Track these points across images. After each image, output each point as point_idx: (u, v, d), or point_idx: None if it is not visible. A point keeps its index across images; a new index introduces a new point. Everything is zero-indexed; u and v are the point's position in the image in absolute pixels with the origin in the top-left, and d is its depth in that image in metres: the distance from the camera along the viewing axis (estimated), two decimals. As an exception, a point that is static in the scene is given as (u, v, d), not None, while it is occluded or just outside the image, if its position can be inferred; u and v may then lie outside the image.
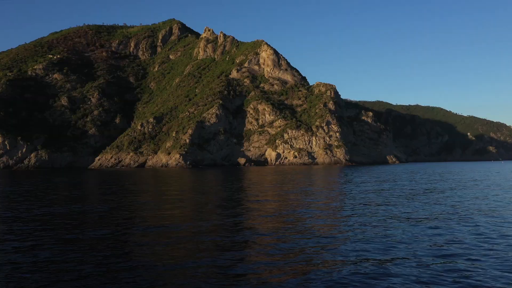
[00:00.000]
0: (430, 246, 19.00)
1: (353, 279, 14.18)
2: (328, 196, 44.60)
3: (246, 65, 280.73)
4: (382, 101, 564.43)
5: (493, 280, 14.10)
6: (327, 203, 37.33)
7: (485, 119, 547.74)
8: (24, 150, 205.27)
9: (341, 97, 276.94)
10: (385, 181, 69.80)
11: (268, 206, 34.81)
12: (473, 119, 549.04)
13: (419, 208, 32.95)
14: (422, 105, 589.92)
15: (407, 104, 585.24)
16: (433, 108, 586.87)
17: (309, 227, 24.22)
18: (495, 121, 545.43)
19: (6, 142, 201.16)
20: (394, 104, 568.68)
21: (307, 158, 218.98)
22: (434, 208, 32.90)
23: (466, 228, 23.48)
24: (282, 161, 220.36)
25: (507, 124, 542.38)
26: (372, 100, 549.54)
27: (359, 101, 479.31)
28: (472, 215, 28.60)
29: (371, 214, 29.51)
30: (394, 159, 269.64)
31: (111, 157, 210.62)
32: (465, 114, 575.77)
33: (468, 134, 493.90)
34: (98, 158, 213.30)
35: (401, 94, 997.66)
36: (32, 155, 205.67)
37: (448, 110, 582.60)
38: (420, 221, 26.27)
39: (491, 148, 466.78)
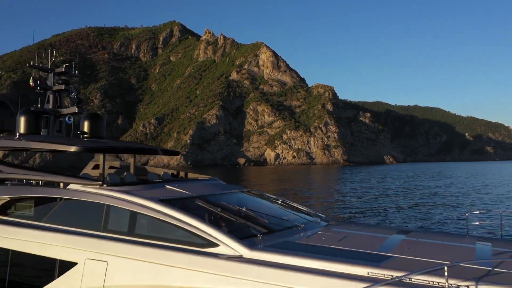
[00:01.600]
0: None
1: None
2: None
3: (245, 66, 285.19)
4: (381, 102, 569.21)
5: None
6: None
7: (483, 120, 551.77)
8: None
9: (341, 97, 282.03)
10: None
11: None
12: (472, 120, 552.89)
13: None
14: (421, 105, 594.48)
15: (406, 105, 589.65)
16: (432, 108, 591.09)
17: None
18: (493, 121, 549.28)
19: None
20: (393, 104, 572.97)
21: (305, 158, 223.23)
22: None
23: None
24: (281, 161, 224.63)
25: (506, 125, 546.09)
26: (372, 101, 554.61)
27: (359, 102, 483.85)
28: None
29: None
30: (391, 159, 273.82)
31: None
32: (464, 115, 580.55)
33: (466, 134, 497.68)
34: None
35: (400, 95, 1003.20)
36: (37, 155, 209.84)
37: (447, 110, 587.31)
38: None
39: (489, 148, 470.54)
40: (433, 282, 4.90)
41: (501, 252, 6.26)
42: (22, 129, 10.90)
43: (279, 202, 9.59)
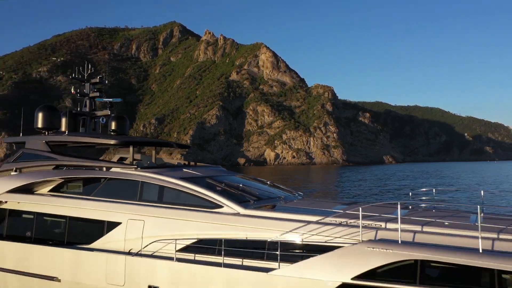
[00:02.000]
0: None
1: None
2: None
3: (245, 67, 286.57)
4: (381, 102, 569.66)
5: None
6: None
7: (483, 120, 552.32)
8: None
9: (341, 98, 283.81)
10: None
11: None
12: (471, 120, 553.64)
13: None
14: (421, 105, 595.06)
15: (406, 105, 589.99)
16: (431, 108, 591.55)
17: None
18: (493, 121, 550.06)
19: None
20: (393, 104, 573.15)
21: (305, 158, 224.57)
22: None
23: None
24: (281, 161, 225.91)
25: (505, 125, 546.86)
26: (372, 101, 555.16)
27: (359, 102, 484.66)
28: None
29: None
30: (391, 159, 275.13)
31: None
32: (463, 115, 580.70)
33: (466, 134, 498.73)
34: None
35: (400, 95, 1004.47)
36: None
37: (447, 110, 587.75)
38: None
39: (488, 148, 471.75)
40: (350, 222, 8.72)
41: (416, 209, 9.79)
42: (63, 127, 14.46)
43: (268, 183, 13.44)
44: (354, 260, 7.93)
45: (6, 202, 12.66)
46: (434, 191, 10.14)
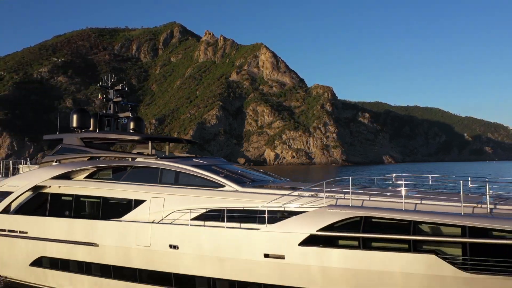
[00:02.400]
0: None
1: None
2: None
3: (245, 67, 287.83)
4: (381, 102, 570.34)
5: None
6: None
7: (482, 120, 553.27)
8: (31, 150, 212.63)
9: (341, 98, 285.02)
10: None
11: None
12: (471, 120, 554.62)
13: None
14: (421, 106, 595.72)
15: (406, 105, 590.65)
16: (431, 109, 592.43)
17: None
18: (492, 121, 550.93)
19: (14, 143, 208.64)
20: (393, 105, 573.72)
21: (304, 158, 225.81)
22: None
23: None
24: (281, 161, 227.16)
25: (505, 125, 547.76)
26: (371, 101, 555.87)
27: (358, 102, 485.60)
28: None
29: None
30: (390, 159, 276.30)
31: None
32: (463, 115, 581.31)
33: (465, 134, 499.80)
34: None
35: (400, 95, 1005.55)
36: (39, 155, 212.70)
37: (447, 111, 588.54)
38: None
39: (487, 148, 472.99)
40: (318, 194, 12.14)
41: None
42: (92, 127, 18.06)
43: (261, 171, 17.57)
44: (319, 218, 11.50)
45: (50, 186, 16.39)
46: (393, 176, 12.77)
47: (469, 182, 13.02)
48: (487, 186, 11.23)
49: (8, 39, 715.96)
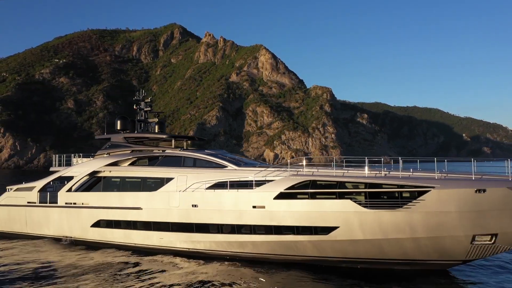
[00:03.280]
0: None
1: None
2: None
3: (245, 68, 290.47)
4: (380, 103, 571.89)
5: None
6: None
7: (481, 120, 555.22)
8: (33, 151, 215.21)
9: (341, 98, 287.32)
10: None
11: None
12: (470, 120, 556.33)
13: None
14: (420, 106, 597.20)
15: (406, 106, 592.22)
16: (431, 109, 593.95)
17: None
18: (491, 122, 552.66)
19: (16, 143, 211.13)
20: (392, 105, 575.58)
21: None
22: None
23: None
24: (280, 161, 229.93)
25: (504, 125, 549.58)
26: (371, 102, 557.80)
27: (358, 103, 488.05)
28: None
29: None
30: (388, 160, 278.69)
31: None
32: (462, 116, 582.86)
33: (464, 135, 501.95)
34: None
35: (399, 96, 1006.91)
36: (41, 155, 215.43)
37: (446, 111, 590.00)
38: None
39: (485, 149, 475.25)
40: (286, 169, 20.25)
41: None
42: (129, 129, 25.39)
43: (253, 159, 28.69)
44: (285, 183, 18.69)
45: (103, 171, 23.62)
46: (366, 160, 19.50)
47: (400, 162, 20.06)
48: (400, 161, 19.79)
49: (9, 40, 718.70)
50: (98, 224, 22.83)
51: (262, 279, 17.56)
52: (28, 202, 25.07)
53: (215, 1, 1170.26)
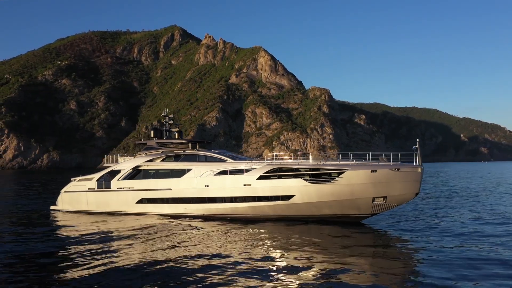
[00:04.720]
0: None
1: None
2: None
3: (244, 70, 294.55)
4: (379, 103, 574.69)
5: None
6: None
7: (480, 121, 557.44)
8: (37, 151, 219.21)
9: (339, 99, 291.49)
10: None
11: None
12: (468, 121, 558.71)
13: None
14: (419, 107, 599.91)
15: (404, 106, 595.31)
16: (429, 110, 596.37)
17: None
18: (489, 122, 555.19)
19: (20, 144, 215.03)
20: (391, 106, 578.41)
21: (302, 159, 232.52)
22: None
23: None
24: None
25: (502, 126, 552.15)
26: (369, 102, 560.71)
27: (357, 103, 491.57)
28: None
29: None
30: (385, 160, 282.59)
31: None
32: (460, 116, 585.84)
33: (462, 135, 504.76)
34: (105, 159, 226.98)
35: (398, 96, 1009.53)
36: (44, 156, 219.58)
37: (444, 112, 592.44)
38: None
39: (483, 149, 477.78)
40: (267, 162, 30.24)
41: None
42: (159, 136, 36.54)
43: (248, 156, 40.35)
44: (263, 169, 27.94)
45: (143, 166, 32.59)
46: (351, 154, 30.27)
47: (351, 156, 30.13)
48: (351, 155, 30.12)
49: (12, 42, 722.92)
50: (141, 201, 31.95)
51: (251, 230, 25.93)
52: (88, 189, 34.42)
53: (215, 3, 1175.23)
